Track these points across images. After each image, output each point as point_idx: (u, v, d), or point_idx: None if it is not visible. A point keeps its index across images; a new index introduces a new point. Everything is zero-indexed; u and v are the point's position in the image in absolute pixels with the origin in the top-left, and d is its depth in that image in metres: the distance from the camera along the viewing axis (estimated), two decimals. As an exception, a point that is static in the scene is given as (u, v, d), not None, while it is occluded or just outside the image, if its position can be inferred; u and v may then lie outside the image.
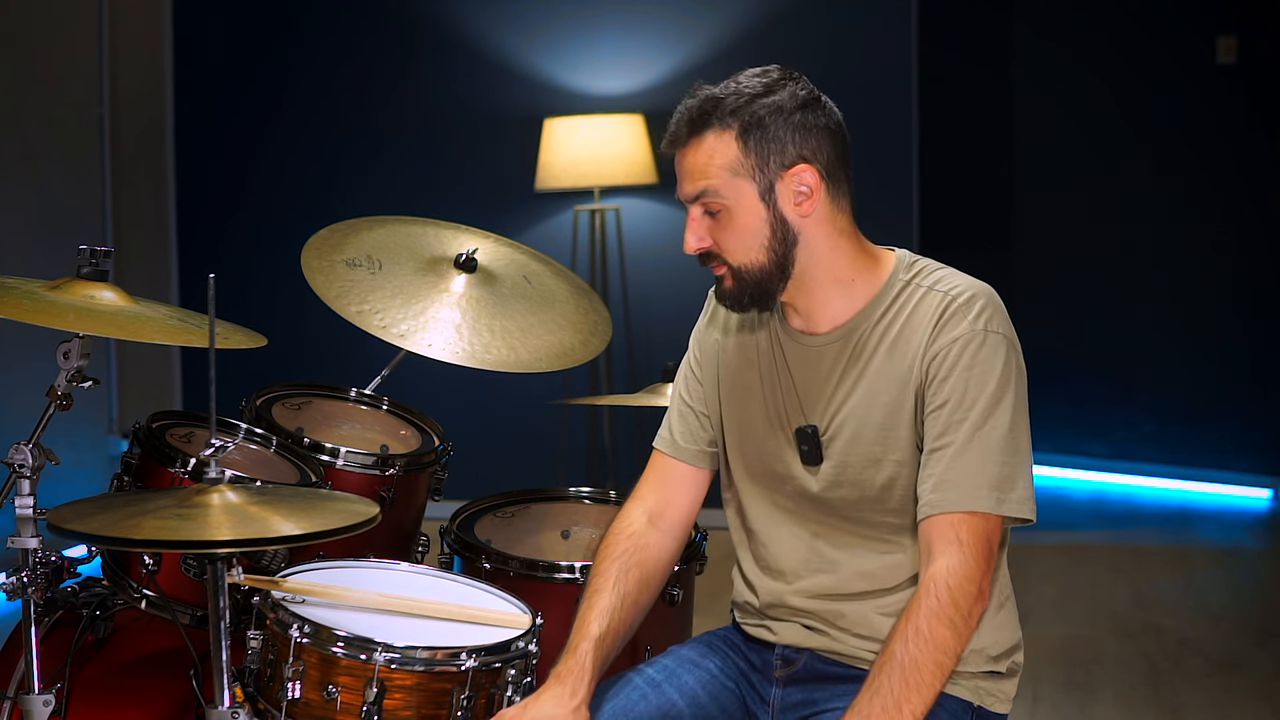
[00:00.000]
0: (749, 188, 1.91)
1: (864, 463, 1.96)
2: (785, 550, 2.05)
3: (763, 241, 1.92)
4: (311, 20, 5.88)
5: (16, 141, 5.00)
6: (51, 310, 2.06)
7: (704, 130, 1.91)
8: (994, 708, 2.00)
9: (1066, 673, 4.08)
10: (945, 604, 1.83)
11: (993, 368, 1.89)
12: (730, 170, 1.90)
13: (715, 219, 1.93)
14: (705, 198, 1.92)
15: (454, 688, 1.93)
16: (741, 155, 1.90)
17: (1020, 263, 6.54)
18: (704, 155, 1.91)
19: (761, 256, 1.93)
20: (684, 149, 1.93)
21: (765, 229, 1.92)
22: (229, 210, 5.95)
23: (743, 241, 1.92)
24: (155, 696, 2.27)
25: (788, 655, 2.06)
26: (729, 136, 1.90)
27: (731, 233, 1.92)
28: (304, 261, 2.64)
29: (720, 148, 1.90)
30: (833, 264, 1.95)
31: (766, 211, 1.91)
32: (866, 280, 1.97)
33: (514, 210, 5.58)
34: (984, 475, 1.86)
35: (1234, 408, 6.14)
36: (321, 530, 1.92)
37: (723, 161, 1.90)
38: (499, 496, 2.72)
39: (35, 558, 2.12)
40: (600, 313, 2.83)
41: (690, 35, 5.49)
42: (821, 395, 1.98)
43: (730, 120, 1.90)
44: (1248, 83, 6.00)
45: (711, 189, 1.91)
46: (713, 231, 1.94)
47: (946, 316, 1.91)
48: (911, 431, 1.93)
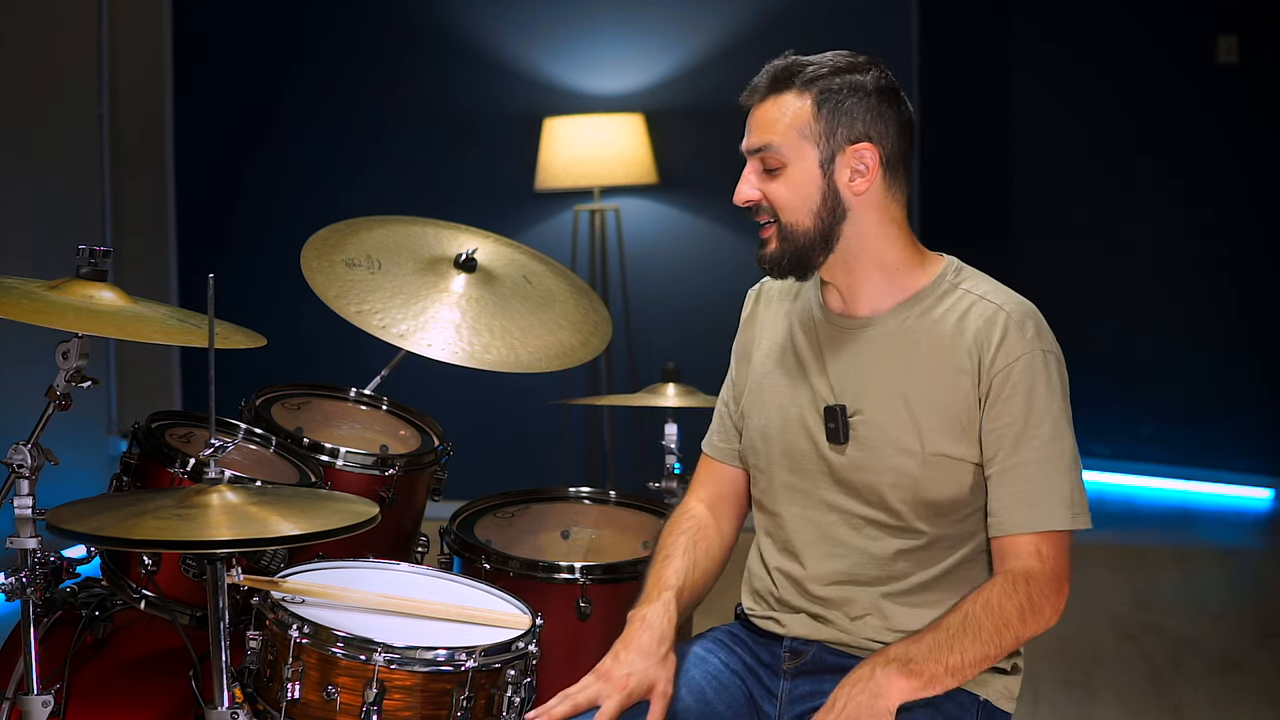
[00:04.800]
0: (811, 152, 1.96)
1: (891, 449, 1.97)
2: (801, 532, 2.06)
3: (812, 206, 1.97)
4: (312, 20, 5.88)
5: (16, 141, 5.00)
6: (51, 310, 2.05)
7: (784, 89, 1.97)
8: (999, 704, 2.02)
9: (1067, 673, 4.07)
10: (1020, 589, 1.91)
11: (1052, 386, 1.96)
12: (798, 131, 1.96)
13: (771, 175, 1.98)
14: (767, 151, 1.97)
15: (454, 688, 1.93)
16: (812, 119, 1.96)
17: (1020, 263, 6.53)
18: (777, 111, 1.97)
19: (808, 221, 1.98)
20: (760, 103, 1.99)
21: (817, 195, 1.97)
22: (229, 210, 5.95)
23: (792, 202, 1.97)
24: (154, 697, 2.26)
25: (796, 647, 2.06)
26: (806, 100, 1.96)
27: (785, 191, 1.97)
28: (304, 261, 2.64)
29: (795, 108, 1.96)
30: (879, 249, 2.00)
31: (822, 179, 1.97)
32: (912, 274, 2.02)
33: (514, 210, 5.57)
34: (1059, 494, 1.94)
35: (1235, 408, 6.14)
36: (321, 530, 1.91)
37: (793, 121, 1.96)
38: (499, 496, 2.72)
39: (34, 558, 2.11)
40: (600, 313, 2.82)
41: (690, 35, 5.49)
42: (854, 377, 2.01)
43: (811, 85, 1.96)
44: (1248, 83, 6.00)
45: (775, 145, 1.96)
46: (765, 186, 1.99)
47: (1005, 332, 1.95)
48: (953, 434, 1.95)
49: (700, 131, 5.48)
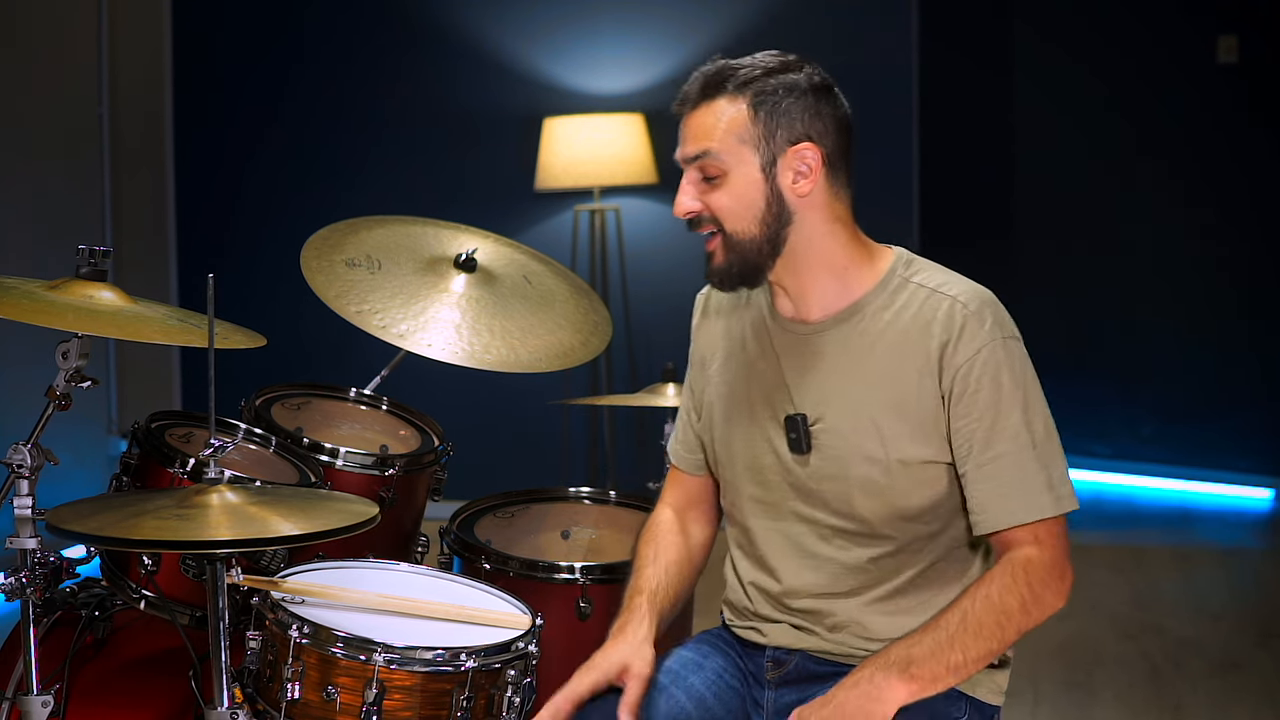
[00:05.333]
0: (752, 157, 1.91)
1: (855, 456, 1.94)
2: (772, 545, 2.03)
3: (757, 213, 1.92)
4: (312, 20, 5.88)
5: (16, 141, 4.99)
6: (50, 310, 2.05)
7: (716, 95, 1.92)
8: (987, 699, 2.00)
9: (1067, 673, 4.07)
10: (1020, 581, 1.89)
11: (1016, 373, 1.90)
12: (737, 136, 1.91)
13: (712, 184, 1.93)
14: (705, 159, 1.92)
15: (453, 688, 1.93)
16: (750, 123, 1.90)
17: (1020, 263, 6.53)
18: (712, 118, 1.91)
19: (754, 228, 1.92)
20: (693, 110, 1.93)
21: (761, 201, 1.92)
22: (229, 210, 5.95)
23: (736, 209, 1.92)
24: (154, 697, 2.26)
25: (778, 657, 2.04)
26: (741, 104, 1.91)
27: (727, 199, 1.92)
28: (304, 261, 2.64)
29: (730, 113, 1.91)
30: (827, 250, 1.95)
31: (765, 184, 1.92)
32: (862, 272, 1.97)
33: (514, 210, 5.57)
34: (1039, 481, 1.90)
35: (1235, 408, 6.13)
36: (321, 530, 1.92)
37: (730, 126, 1.90)
38: (499, 496, 2.72)
39: (34, 558, 2.11)
40: (600, 313, 2.82)
41: (690, 35, 5.49)
42: (812, 384, 1.97)
43: (745, 89, 1.91)
44: (1248, 83, 5.99)
45: (714, 151, 1.91)
46: (707, 196, 1.93)
47: (961, 326, 1.90)
48: (917, 437, 1.91)
49: (700, 131, 5.47)
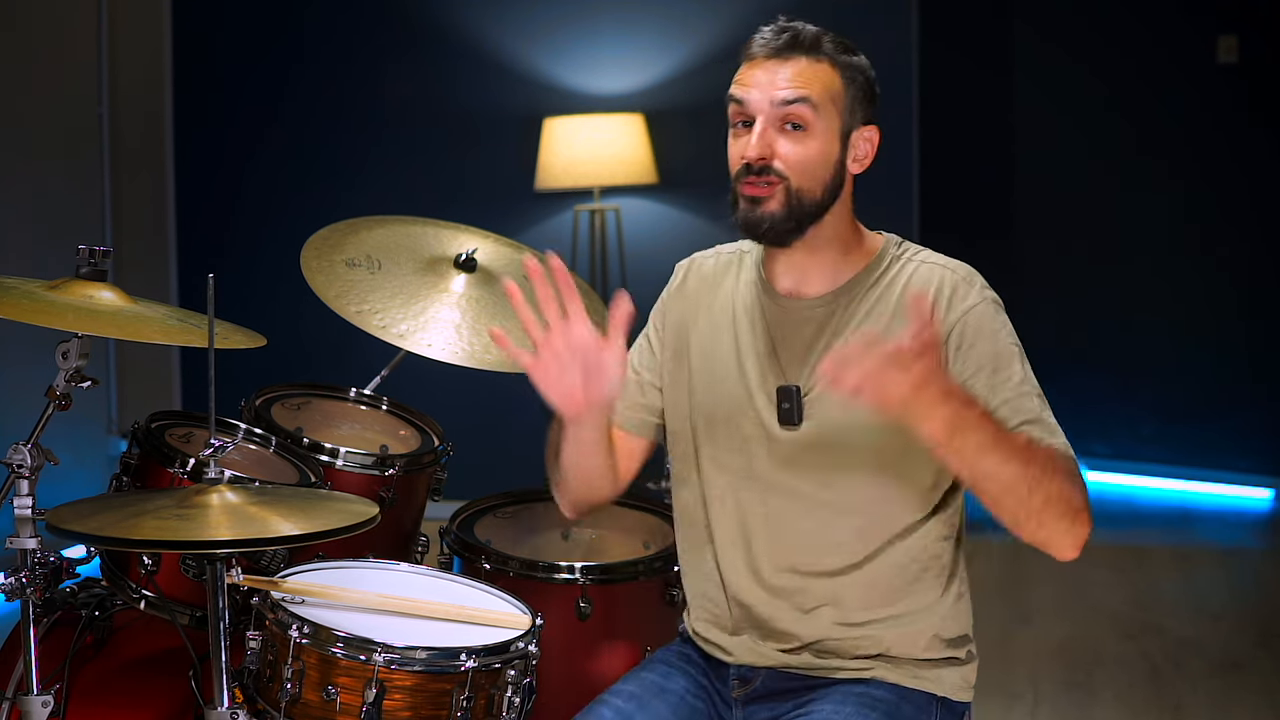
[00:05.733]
0: (835, 122, 1.93)
1: (847, 425, 1.92)
2: (750, 520, 1.99)
3: (825, 177, 1.93)
4: (311, 20, 5.88)
5: (16, 141, 4.99)
6: (50, 310, 2.05)
7: (814, 53, 1.92)
8: (957, 695, 1.99)
9: (1067, 673, 4.07)
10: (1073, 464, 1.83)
11: (1008, 332, 1.93)
12: (829, 95, 1.92)
13: (789, 135, 1.91)
14: (802, 104, 1.90)
15: (453, 688, 1.93)
16: (842, 89, 1.93)
17: (1020, 263, 6.53)
18: (810, 71, 1.92)
19: (817, 190, 1.93)
20: (788, 58, 1.92)
21: (831, 166, 1.94)
22: (229, 210, 5.95)
23: (811, 165, 1.91)
24: (154, 697, 2.26)
25: (744, 674, 2.02)
26: (835, 72, 1.93)
27: (804, 152, 1.91)
28: (304, 261, 2.64)
29: (826, 74, 1.93)
30: (839, 228, 1.98)
31: (839, 152, 1.94)
32: (860, 251, 2.00)
33: (514, 210, 5.57)
34: (1054, 424, 1.89)
35: (1235, 407, 6.13)
36: (321, 530, 1.92)
37: (827, 83, 1.92)
38: (499, 496, 2.72)
39: (34, 558, 2.11)
40: (600, 313, 2.82)
41: (690, 35, 5.49)
42: (807, 357, 1.97)
43: (838, 57, 1.94)
44: (1248, 83, 5.99)
45: (813, 99, 1.90)
46: (781, 145, 1.91)
47: (954, 287, 1.93)
48: None
49: (700, 131, 5.47)
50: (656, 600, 2.45)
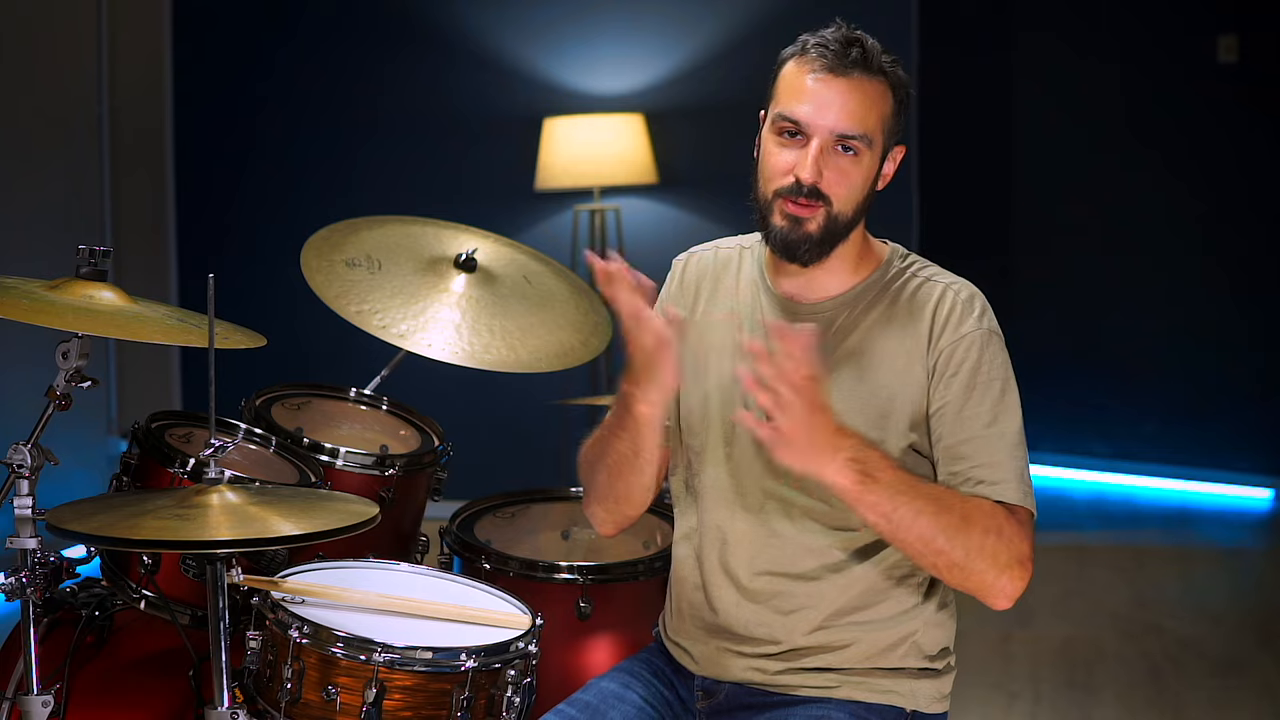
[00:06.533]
0: (880, 147, 1.92)
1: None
2: (735, 525, 1.98)
3: (862, 198, 1.92)
4: (311, 20, 5.88)
5: (16, 141, 4.99)
6: (50, 310, 2.05)
7: (874, 74, 1.90)
8: (929, 709, 1.97)
9: (1067, 673, 4.07)
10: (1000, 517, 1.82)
11: (997, 367, 1.90)
12: (882, 122, 1.91)
13: (841, 157, 1.89)
14: (854, 141, 1.88)
15: (453, 688, 1.93)
16: (892, 114, 1.93)
17: (1020, 262, 6.53)
18: (871, 98, 1.89)
19: (853, 211, 1.92)
20: (851, 79, 1.89)
21: (869, 187, 1.93)
22: (229, 210, 5.95)
23: (853, 191, 1.91)
24: (154, 697, 2.26)
25: (708, 687, 2.01)
26: (890, 93, 1.92)
27: (851, 179, 1.90)
28: (304, 261, 2.64)
29: (884, 98, 1.91)
30: (855, 238, 1.97)
31: (876, 172, 1.93)
32: (867, 260, 1.99)
33: (514, 210, 5.57)
34: (1010, 470, 1.86)
35: (1235, 407, 6.13)
36: (321, 530, 1.92)
37: (882, 110, 1.91)
38: (499, 496, 2.72)
39: (34, 558, 2.11)
40: (600, 313, 2.82)
41: (690, 35, 5.49)
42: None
43: (893, 76, 1.92)
44: (1248, 82, 5.99)
45: (868, 137, 1.89)
46: (833, 170, 1.89)
47: (950, 311, 1.92)
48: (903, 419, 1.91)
49: (700, 131, 5.48)
50: (656, 600, 2.45)
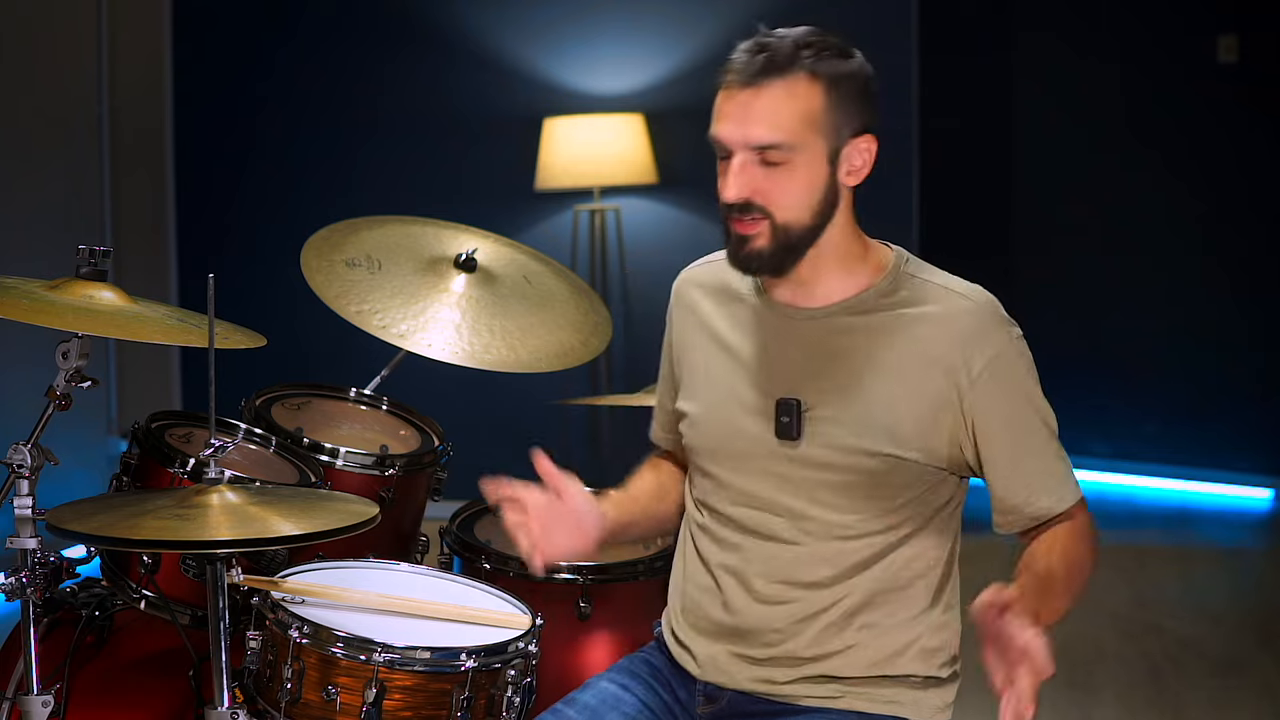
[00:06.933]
0: (820, 145, 1.81)
1: (849, 446, 1.87)
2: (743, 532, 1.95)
3: (814, 204, 1.83)
4: (311, 20, 5.88)
5: (16, 141, 4.99)
6: (50, 310, 2.05)
7: (789, 72, 1.79)
8: (934, 719, 1.95)
9: (1067, 673, 4.07)
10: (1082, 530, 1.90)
11: (1031, 371, 1.91)
12: (807, 121, 1.79)
13: (769, 170, 1.81)
14: (772, 151, 1.80)
15: (453, 688, 1.93)
16: (824, 109, 1.80)
17: (1021, 262, 6.53)
18: (783, 101, 1.79)
19: (806, 217, 1.83)
20: (758, 88, 1.79)
21: (820, 191, 1.83)
22: (229, 210, 5.95)
23: (798, 199, 1.82)
24: (154, 697, 2.26)
25: (710, 692, 1.98)
26: (817, 87, 1.80)
27: (788, 188, 1.81)
28: (304, 261, 2.64)
29: (805, 96, 1.79)
30: (843, 240, 1.89)
31: (828, 174, 1.83)
32: (865, 263, 1.91)
33: (514, 210, 5.57)
34: (1064, 472, 1.93)
35: (1235, 407, 6.13)
36: (321, 530, 1.92)
37: (805, 110, 1.79)
38: (499, 497, 2.71)
39: (34, 558, 2.11)
40: (600, 313, 2.82)
41: (690, 35, 5.49)
42: (807, 370, 1.90)
43: (820, 69, 1.80)
44: (1248, 82, 5.99)
45: (786, 143, 1.79)
46: (761, 182, 1.81)
47: (977, 327, 1.86)
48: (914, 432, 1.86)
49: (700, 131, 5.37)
50: (656, 600, 2.45)
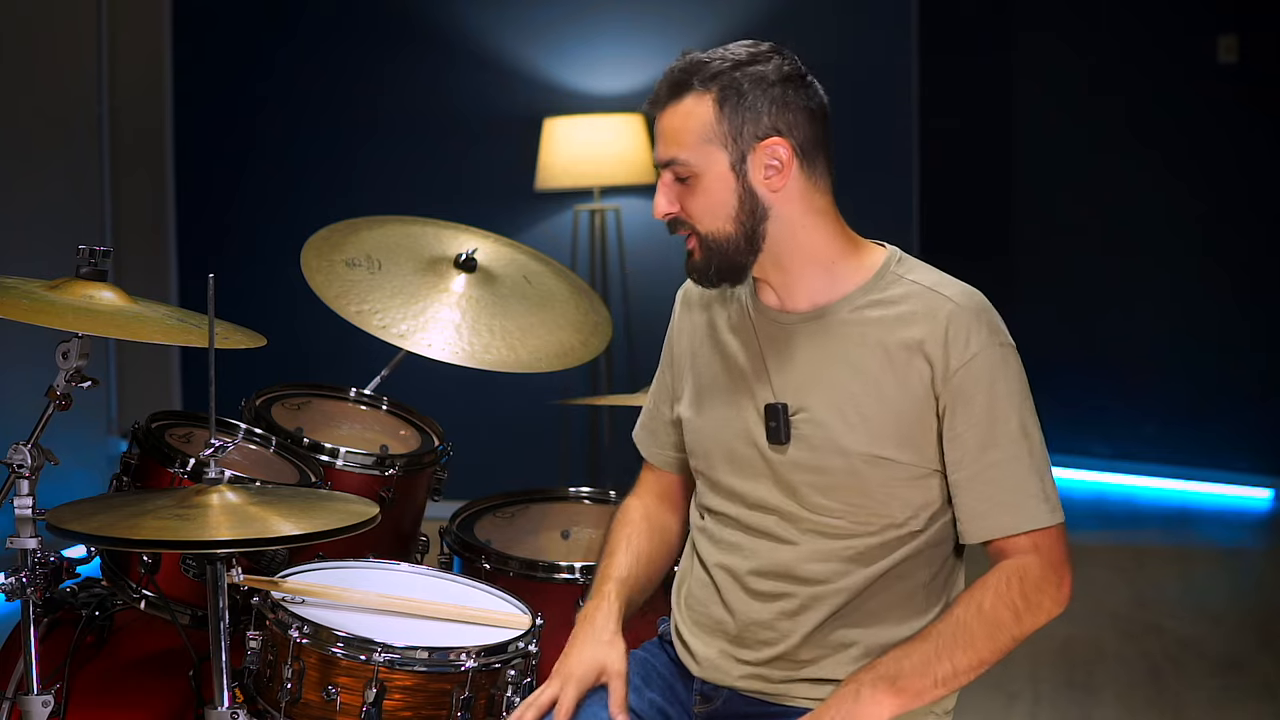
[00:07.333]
0: (720, 156, 1.87)
1: (835, 449, 1.88)
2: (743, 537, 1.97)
3: (730, 212, 1.88)
4: (311, 20, 5.88)
5: (16, 141, 4.99)
6: (50, 310, 2.05)
7: (683, 93, 1.88)
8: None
9: (1067, 673, 4.07)
10: (1013, 588, 1.85)
11: (1011, 380, 1.87)
12: (703, 136, 1.87)
13: (685, 185, 1.89)
14: (676, 165, 1.88)
15: (453, 688, 1.93)
16: (716, 121, 1.86)
17: (1021, 262, 6.54)
18: (680, 119, 1.88)
19: (729, 227, 1.88)
20: (663, 111, 1.90)
21: (733, 199, 1.88)
22: (229, 210, 5.95)
23: (710, 210, 1.88)
24: (154, 697, 2.26)
25: (707, 692, 1.99)
26: (707, 101, 1.86)
27: (700, 200, 1.89)
28: (304, 261, 2.64)
29: (697, 112, 1.87)
30: (809, 242, 1.91)
31: (736, 182, 1.87)
32: (850, 265, 1.93)
33: (514, 210, 5.57)
34: (1035, 489, 1.87)
35: (1235, 407, 6.13)
36: (321, 530, 1.92)
37: (697, 126, 1.87)
38: (499, 496, 2.72)
39: (34, 558, 2.11)
40: (600, 313, 2.83)
41: (690, 35, 5.48)
42: (795, 373, 1.92)
43: (710, 84, 1.86)
44: (1248, 82, 6.00)
45: (682, 157, 1.88)
46: (682, 198, 1.90)
47: (959, 329, 1.86)
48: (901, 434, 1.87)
49: (700, 131, 5.47)
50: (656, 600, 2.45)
